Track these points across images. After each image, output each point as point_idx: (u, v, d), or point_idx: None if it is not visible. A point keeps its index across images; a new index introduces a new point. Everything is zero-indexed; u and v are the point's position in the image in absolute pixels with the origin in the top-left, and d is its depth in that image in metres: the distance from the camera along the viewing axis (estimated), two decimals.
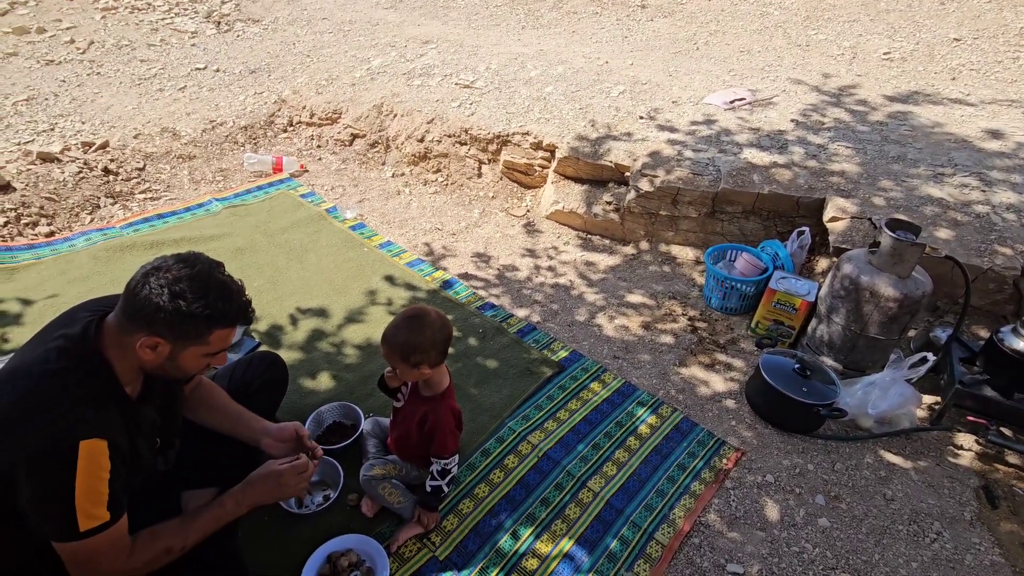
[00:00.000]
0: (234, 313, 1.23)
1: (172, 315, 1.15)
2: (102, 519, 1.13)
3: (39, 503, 1.09)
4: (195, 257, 1.22)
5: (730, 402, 2.30)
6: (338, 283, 2.79)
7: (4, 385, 1.13)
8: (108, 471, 1.13)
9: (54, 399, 1.11)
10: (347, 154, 4.09)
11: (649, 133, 3.44)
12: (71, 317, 1.25)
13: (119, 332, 1.19)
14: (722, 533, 1.80)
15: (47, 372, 1.13)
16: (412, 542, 1.69)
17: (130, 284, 1.18)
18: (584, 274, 3.07)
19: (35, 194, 3.09)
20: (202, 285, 1.18)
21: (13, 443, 1.07)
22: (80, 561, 1.16)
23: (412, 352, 1.50)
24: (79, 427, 1.10)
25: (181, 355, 1.22)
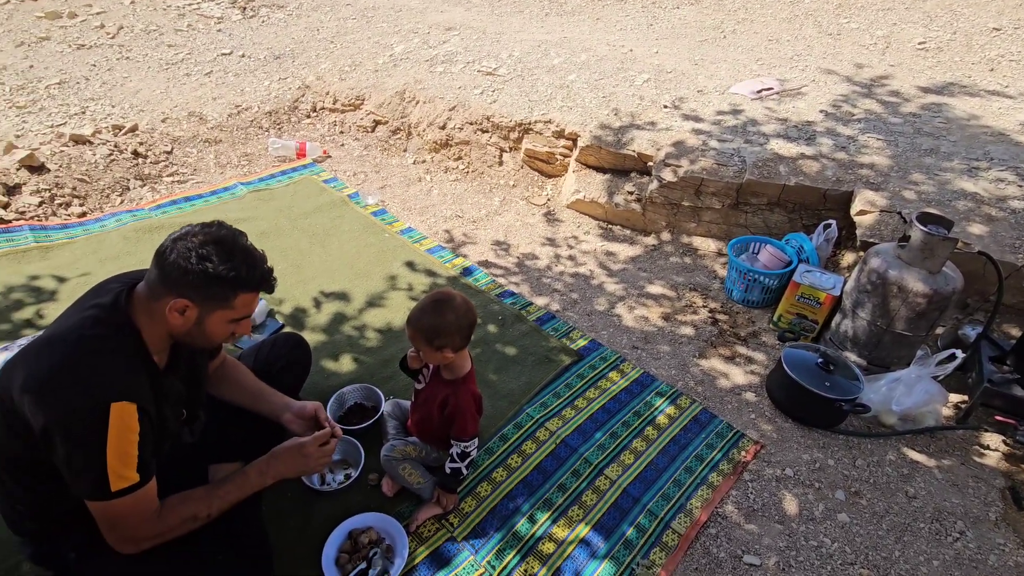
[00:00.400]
0: (257, 278, 1.27)
1: (199, 277, 1.19)
2: (132, 480, 1.18)
3: (73, 462, 1.14)
4: (220, 224, 1.27)
5: (750, 395, 2.28)
6: (360, 268, 2.82)
7: (41, 350, 1.18)
8: (137, 434, 1.18)
9: (87, 364, 1.16)
10: (369, 140, 4.11)
11: (673, 122, 3.40)
12: (102, 288, 1.30)
13: (149, 299, 1.23)
14: (739, 525, 1.79)
15: (81, 338, 1.18)
16: (431, 522, 1.72)
17: (159, 250, 1.22)
18: (604, 264, 3.06)
19: (68, 175, 3.16)
20: (227, 249, 1.22)
21: (49, 404, 1.12)
22: (110, 520, 1.21)
23: (436, 335, 1.52)
24: (110, 390, 1.15)
25: (208, 319, 1.25)
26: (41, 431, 1.12)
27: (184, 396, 1.40)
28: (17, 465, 1.22)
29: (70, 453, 1.13)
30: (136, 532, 1.24)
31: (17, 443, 1.18)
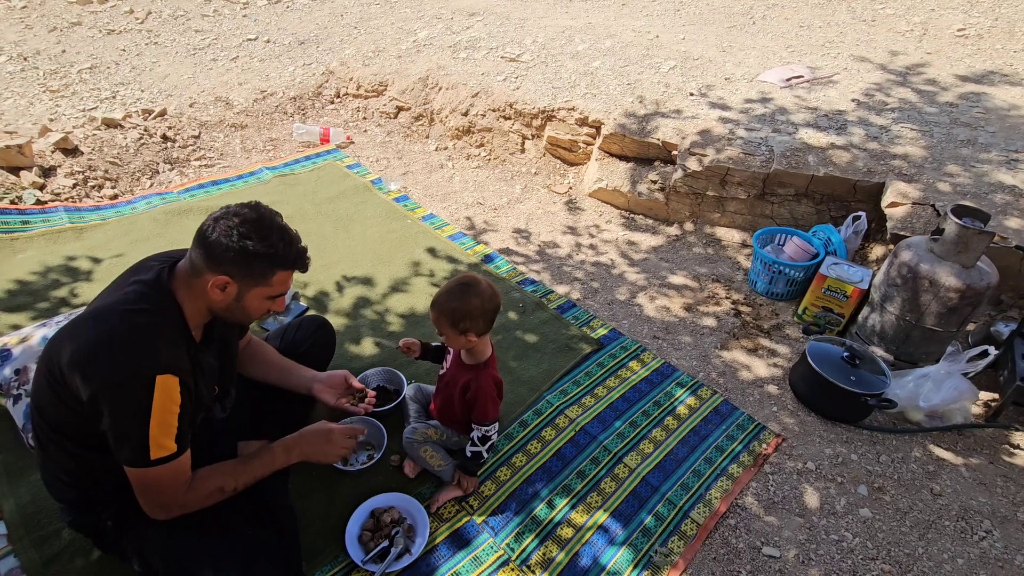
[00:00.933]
0: (294, 256, 1.32)
1: (240, 254, 1.23)
2: (170, 450, 1.23)
3: (117, 429, 1.19)
4: (258, 204, 1.31)
5: (772, 388, 2.26)
6: (382, 253, 2.84)
7: (88, 322, 1.23)
8: (179, 405, 1.23)
9: (133, 335, 1.20)
10: (392, 126, 4.12)
11: (699, 111, 3.34)
12: (143, 266, 1.34)
13: (190, 275, 1.28)
14: (759, 516, 1.79)
15: (127, 311, 1.22)
16: (451, 504, 1.75)
17: (202, 228, 1.27)
18: (626, 253, 3.04)
19: (100, 158, 3.24)
20: (266, 228, 1.27)
21: (96, 374, 1.16)
22: (146, 487, 1.27)
23: (461, 319, 1.53)
24: (156, 363, 1.19)
25: (247, 295, 1.30)
26: (89, 400, 1.17)
27: (217, 371, 1.44)
28: (63, 433, 1.28)
29: (115, 420, 1.18)
30: (168, 499, 1.30)
31: (65, 411, 1.23)
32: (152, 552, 1.35)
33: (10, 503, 1.62)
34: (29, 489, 1.65)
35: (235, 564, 1.34)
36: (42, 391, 1.26)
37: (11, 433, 1.80)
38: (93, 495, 1.38)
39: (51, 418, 1.27)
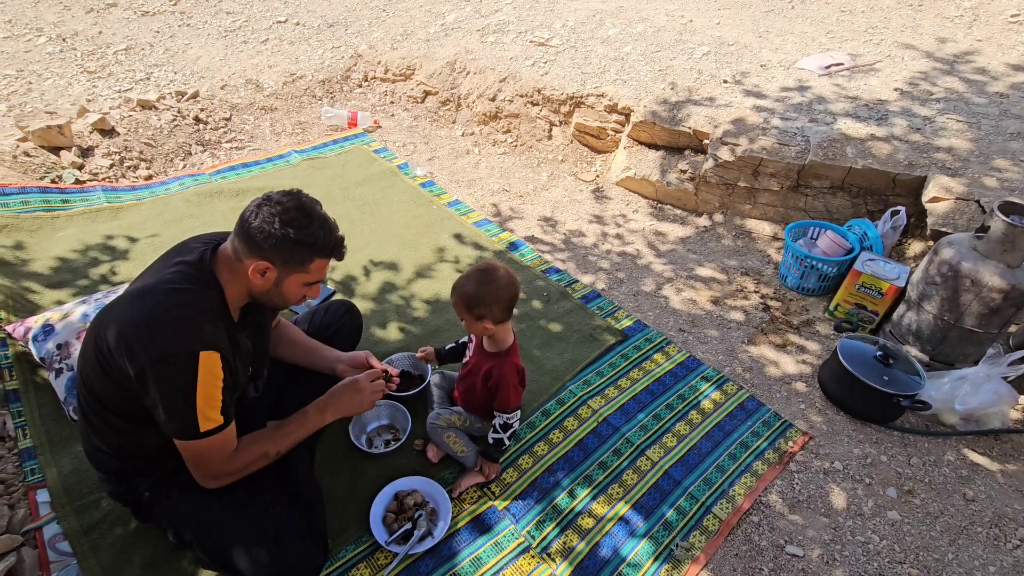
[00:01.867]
0: (332, 244, 1.35)
1: (281, 241, 1.27)
2: (217, 422, 1.29)
3: (165, 404, 1.24)
4: (299, 192, 1.33)
5: (800, 385, 2.21)
6: (408, 239, 2.85)
7: (134, 300, 1.27)
8: (222, 380, 1.28)
9: (177, 313, 1.25)
10: (419, 111, 4.11)
11: (733, 98, 3.25)
12: (186, 247, 1.38)
13: (232, 259, 1.32)
14: (783, 515, 1.77)
15: (172, 290, 1.27)
16: (473, 489, 1.77)
17: (244, 214, 1.29)
18: (653, 244, 3.00)
19: (136, 139, 3.31)
20: (307, 216, 1.29)
21: (143, 350, 1.21)
22: (197, 458, 1.33)
23: (476, 304, 1.54)
24: (199, 340, 1.24)
25: (285, 281, 1.34)
26: (136, 376, 1.21)
27: (252, 352, 1.47)
28: (107, 406, 1.33)
29: (163, 396, 1.23)
30: (218, 469, 1.36)
31: (111, 385, 1.28)
32: (186, 525, 1.41)
33: (53, 472, 1.69)
34: (71, 459, 1.72)
35: (265, 540, 1.38)
36: (90, 365, 1.30)
37: (54, 404, 1.87)
38: (133, 467, 1.43)
39: (97, 391, 1.32)
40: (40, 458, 1.72)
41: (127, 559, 1.52)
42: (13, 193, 2.67)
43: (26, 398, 1.88)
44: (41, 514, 1.58)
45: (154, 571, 1.50)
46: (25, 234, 2.52)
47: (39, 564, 1.48)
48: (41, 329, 1.92)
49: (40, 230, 2.57)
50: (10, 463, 1.70)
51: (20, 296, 2.20)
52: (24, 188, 2.72)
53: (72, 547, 1.53)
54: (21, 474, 1.68)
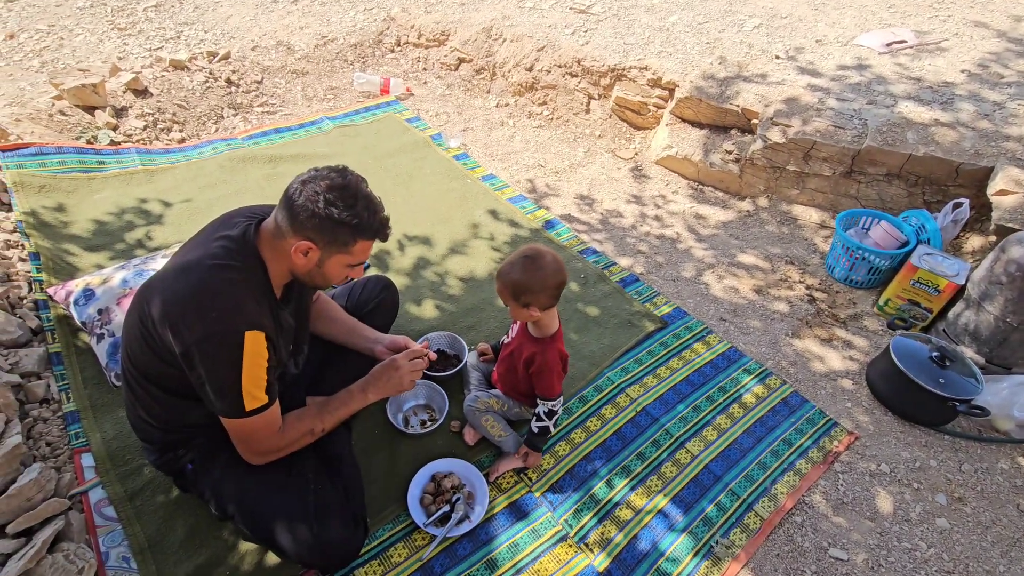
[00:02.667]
0: (376, 226, 1.29)
1: (325, 221, 1.22)
2: (262, 401, 1.27)
3: (211, 383, 1.23)
4: (345, 170, 1.27)
5: (847, 382, 2.14)
6: (442, 213, 2.79)
7: (178, 276, 1.24)
8: (266, 359, 1.26)
9: (222, 292, 1.22)
10: (452, 79, 3.99)
11: (786, 76, 3.08)
12: (228, 221, 1.34)
13: (275, 236, 1.28)
14: (827, 516, 1.72)
15: (216, 266, 1.23)
16: (509, 475, 1.75)
17: (288, 191, 1.24)
18: (693, 227, 2.90)
19: (168, 100, 3.26)
20: (352, 195, 1.23)
21: (188, 330, 1.19)
22: (244, 436, 1.33)
23: (522, 292, 1.49)
24: (244, 319, 1.21)
25: (328, 262, 1.29)
26: (182, 354, 1.20)
27: (293, 329, 1.45)
28: (152, 380, 1.32)
29: (208, 375, 1.21)
30: (264, 446, 1.36)
31: (156, 360, 1.27)
32: (228, 499, 1.41)
33: (96, 437, 1.71)
34: (113, 425, 1.74)
35: (307, 517, 1.38)
36: (134, 338, 1.29)
37: (95, 369, 1.88)
38: (176, 438, 1.43)
39: (141, 364, 1.31)
40: (84, 422, 1.74)
41: (170, 527, 1.53)
42: (51, 153, 2.66)
43: (68, 362, 1.89)
44: (86, 478, 1.60)
45: (196, 540, 1.51)
46: (63, 195, 2.51)
47: (86, 528, 1.50)
48: (82, 293, 1.92)
49: (77, 191, 2.56)
50: (55, 426, 1.72)
51: (60, 258, 2.20)
52: (61, 148, 2.70)
53: (117, 513, 1.55)
54: (66, 437, 1.70)
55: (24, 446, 1.56)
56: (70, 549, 1.41)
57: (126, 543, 1.49)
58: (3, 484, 1.47)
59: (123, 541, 1.49)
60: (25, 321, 1.94)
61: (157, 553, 1.48)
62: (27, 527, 1.42)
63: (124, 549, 1.48)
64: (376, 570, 1.51)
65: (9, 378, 1.74)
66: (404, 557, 1.54)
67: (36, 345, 1.91)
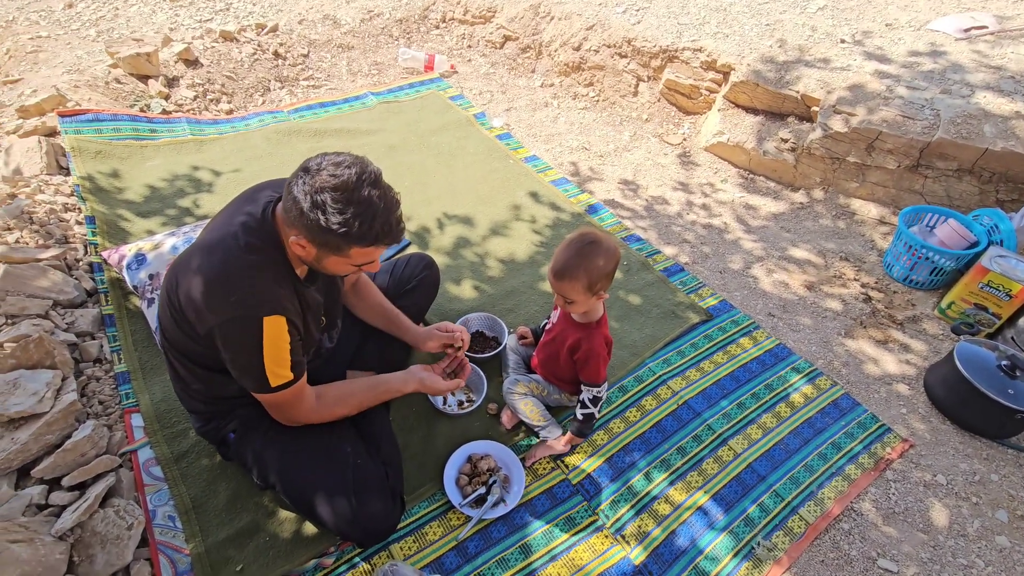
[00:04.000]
0: (373, 235, 1.16)
1: (312, 224, 1.13)
2: (287, 378, 1.27)
3: (235, 363, 1.25)
4: (349, 164, 1.14)
5: (903, 387, 2.03)
6: (483, 193, 2.75)
7: (202, 254, 1.23)
8: (288, 341, 1.24)
9: (241, 276, 1.20)
10: (497, 57, 3.92)
11: (852, 61, 2.91)
12: (253, 196, 1.32)
13: (283, 221, 1.23)
14: (876, 525, 1.65)
15: (236, 249, 1.21)
16: (546, 460, 1.72)
17: (289, 180, 1.17)
18: (742, 218, 2.79)
19: (218, 72, 3.29)
20: (344, 200, 1.11)
21: (210, 312, 1.19)
22: (275, 407, 1.35)
23: (599, 280, 1.44)
24: (262, 305, 1.20)
25: (325, 261, 1.23)
26: (205, 335, 1.21)
27: (322, 305, 1.44)
28: (187, 356, 1.33)
29: (232, 356, 1.23)
30: (296, 415, 1.38)
31: (185, 339, 1.28)
32: (269, 469, 1.42)
33: (145, 398, 1.75)
34: (161, 388, 1.78)
35: (347, 492, 1.38)
36: (166, 316, 1.30)
37: (145, 331, 1.93)
38: (218, 409, 1.45)
39: (174, 342, 1.32)
40: (134, 383, 1.79)
41: (213, 490, 1.57)
42: (106, 120, 2.72)
43: (120, 324, 1.94)
44: (136, 438, 1.65)
45: (237, 505, 1.54)
46: (117, 161, 2.57)
47: (135, 486, 1.55)
48: (134, 258, 1.96)
49: (130, 158, 2.61)
50: (107, 385, 1.77)
51: (114, 223, 2.25)
52: (116, 115, 2.76)
53: (163, 473, 1.59)
54: (117, 397, 1.75)
55: (79, 403, 1.61)
56: (120, 505, 1.45)
57: (172, 503, 1.53)
58: (59, 439, 1.53)
59: (169, 501, 1.53)
60: (81, 283, 2.00)
61: (201, 515, 1.52)
62: (81, 481, 1.47)
63: (170, 508, 1.52)
64: (412, 547, 1.51)
65: (66, 337, 1.80)
66: (439, 536, 1.54)
67: (91, 306, 1.97)
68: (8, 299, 1.80)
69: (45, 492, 1.44)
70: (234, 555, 1.45)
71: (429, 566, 1.48)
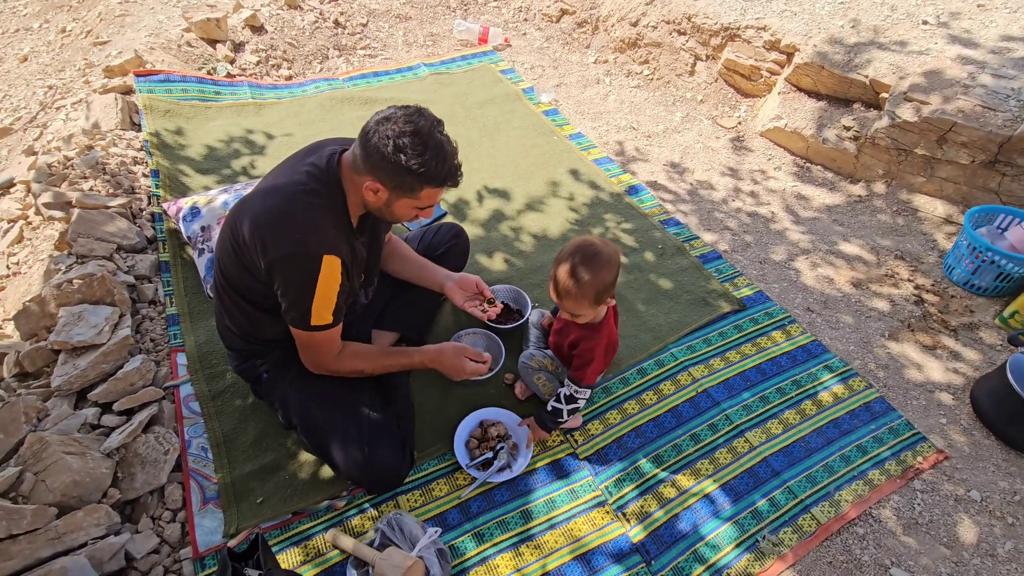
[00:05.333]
0: (444, 174, 1.29)
1: (392, 166, 1.25)
2: (327, 321, 1.37)
3: (287, 296, 1.34)
4: (420, 113, 1.27)
5: (946, 396, 1.91)
6: (523, 168, 2.76)
7: (267, 195, 1.33)
8: (339, 283, 1.33)
9: (306, 215, 1.29)
10: (552, 31, 3.86)
11: (932, 44, 2.68)
12: (317, 148, 1.41)
13: (352, 170, 1.33)
14: (895, 534, 1.58)
15: (301, 191, 1.31)
16: (556, 434, 1.75)
17: (366, 127, 1.27)
18: (792, 208, 2.66)
19: (280, 39, 3.42)
20: (422, 143, 1.24)
21: (272, 246, 1.28)
22: (305, 346, 1.45)
23: (608, 289, 1.43)
24: (324, 244, 1.29)
25: (395, 203, 1.33)
26: (266, 268, 1.30)
27: (365, 260, 1.51)
28: (239, 292, 1.44)
29: (286, 288, 1.32)
30: (320, 360, 1.47)
31: (243, 273, 1.38)
32: (292, 411, 1.53)
33: (191, 339, 1.90)
34: (205, 331, 1.92)
35: (360, 440, 1.47)
36: (226, 252, 1.40)
37: (195, 280, 2.08)
38: (254, 348, 1.56)
39: (231, 277, 1.42)
40: (182, 325, 1.94)
41: (243, 428, 1.69)
42: (176, 81, 2.90)
43: (174, 271, 2.11)
44: (179, 374, 1.80)
45: (263, 444, 1.66)
46: (183, 120, 2.75)
47: (175, 417, 1.69)
48: (190, 211, 2.10)
49: (195, 118, 2.78)
50: (158, 325, 1.94)
51: (175, 177, 2.42)
52: (185, 77, 2.93)
53: (201, 408, 1.73)
54: (166, 336, 1.91)
55: (132, 338, 1.77)
56: (160, 432, 1.60)
57: (205, 436, 1.67)
58: (113, 368, 1.69)
59: (203, 433, 1.67)
60: (142, 230, 2.17)
61: (230, 449, 1.64)
62: (128, 408, 1.63)
63: (203, 440, 1.66)
64: (418, 500, 1.59)
65: (126, 278, 1.97)
66: (444, 492, 1.60)
67: (150, 253, 2.14)
68: (79, 240, 1.98)
69: (98, 414, 1.61)
70: (256, 488, 1.56)
71: (432, 519, 1.55)
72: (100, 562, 1.31)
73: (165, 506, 1.51)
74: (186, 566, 1.41)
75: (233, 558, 1.23)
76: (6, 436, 1.46)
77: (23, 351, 1.71)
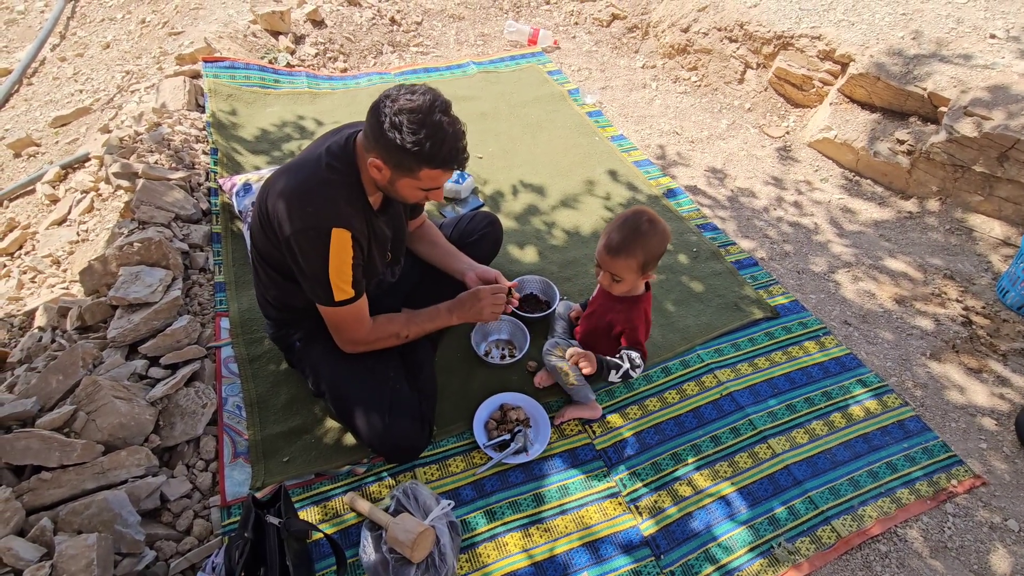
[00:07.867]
0: (442, 157, 1.27)
1: (389, 143, 1.24)
2: (349, 294, 1.41)
3: (306, 271, 1.38)
4: (423, 92, 1.25)
5: (988, 421, 1.82)
6: (562, 166, 2.78)
7: (289, 174, 1.40)
8: (351, 256, 1.37)
9: (319, 190, 1.35)
10: (602, 35, 3.88)
11: (999, 58, 2.57)
12: (339, 130, 1.47)
13: (363, 147, 1.36)
14: (920, 555, 1.51)
15: (319, 168, 1.37)
16: (574, 423, 1.76)
17: (372, 105, 1.29)
18: (837, 220, 2.59)
19: (339, 33, 3.57)
20: (418, 121, 1.22)
21: (288, 220, 1.34)
22: (336, 325, 1.50)
23: (654, 260, 1.45)
24: (333, 217, 1.33)
25: (398, 182, 1.34)
26: (284, 242, 1.37)
27: (390, 240, 1.57)
28: (269, 263, 1.52)
29: (301, 263, 1.37)
30: (353, 336, 1.52)
31: (270, 245, 1.46)
32: (321, 379, 1.60)
33: (234, 306, 2.01)
34: (248, 299, 2.03)
35: (382, 410, 1.52)
36: (256, 225, 1.49)
37: (243, 251, 2.20)
38: (287, 317, 1.65)
39: (261, 248, 1.51)
40: (227, 292, 2.05)
41: (275, 392, 1.78)
42: (240, 68, 3.07)
43: (224, 242, 2.23)
44: (221, 337, 1.91)
45: (293, 408, 1.74)
46: (243, 104, 2.91)
47: (214, 375, 1.80)
48: (242, 187, 2.23)
49: (254, 103, 2.94)
50: (207, 291, 2.06)
51: (231, 155, 2.57)
52: (248, 64, 3.11)
53: (238, 370, 1.83)
54: (213, 302, 2.03)
55: (181, 300, 1.89)
56: (200, 388, 1.70)
57: (240, 395, 1.76)
58: (162, 325, 1.81)
59: (239, 393, 1.76)
60: (199, 203, 2.31)
61: (262, 410, 1.73)
62: (173, 363, 1.74)
63: (238, 399, 1.75)
64: (435, 473, 1.63)
65: (181, 245, 2.10)
66: (461, 469, 1.64)
67: (204, 224, 2.27)
68: (142, 208, 2.13)
69: (146, 366, 1.73)
70: (283, 447, 1.64)
71: (447, 493, 1.58)
72: (138, 499, 1.40)
73: (199, 456, 1.60)
74: (214, 512, 1.49)
75: (257, 505, 1.30)
76: (65, 377, 1.59)
77: (84, 305, 1.85)
